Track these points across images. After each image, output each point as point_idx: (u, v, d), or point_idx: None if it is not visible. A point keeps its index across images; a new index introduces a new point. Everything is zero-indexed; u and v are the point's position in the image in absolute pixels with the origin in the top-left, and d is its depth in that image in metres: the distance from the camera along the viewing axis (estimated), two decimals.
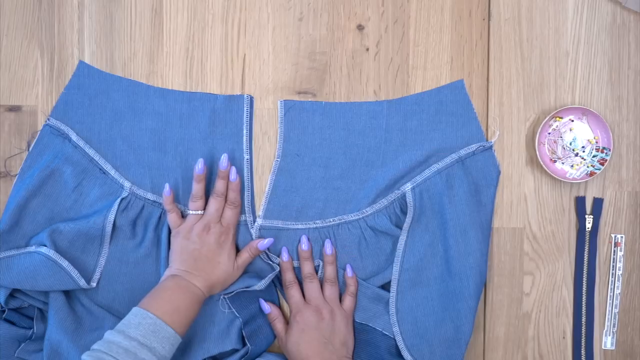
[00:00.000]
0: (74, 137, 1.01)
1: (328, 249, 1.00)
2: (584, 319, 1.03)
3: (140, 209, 1.01)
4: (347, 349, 0.98)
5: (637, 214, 1.03)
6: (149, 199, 1.01)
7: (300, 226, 1.02)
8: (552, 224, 1.03)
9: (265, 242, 0.99)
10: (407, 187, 1.00)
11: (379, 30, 1.03)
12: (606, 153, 1.01)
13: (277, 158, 1.02)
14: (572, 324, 1.03)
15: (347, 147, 1.02)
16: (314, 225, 1.02)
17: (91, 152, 1.01)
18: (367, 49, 1.03)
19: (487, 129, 1.03)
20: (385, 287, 1.01)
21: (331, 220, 1.01)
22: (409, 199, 0.99)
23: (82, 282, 0.97)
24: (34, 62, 1.03)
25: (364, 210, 1.01)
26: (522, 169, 1.03)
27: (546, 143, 1.02)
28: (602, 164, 1.01)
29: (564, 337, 1.04)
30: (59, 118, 1.02)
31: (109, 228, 0.99)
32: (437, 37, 1.02)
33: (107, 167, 1.01)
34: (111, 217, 0.98)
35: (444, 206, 0.98)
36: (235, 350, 0.99)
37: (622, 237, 1.03)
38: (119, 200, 0.99)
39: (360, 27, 1.03)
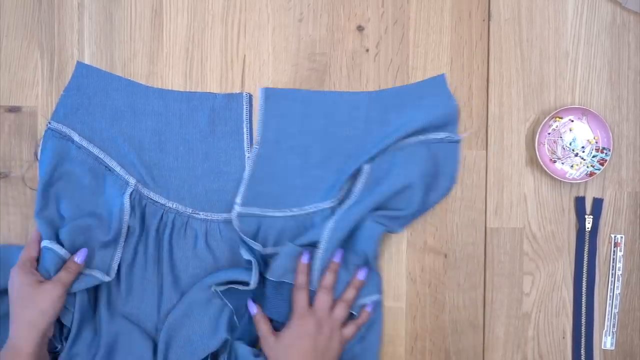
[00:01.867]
0: (76, 137, 1.01)
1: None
2: (583, 319, 1.03)
3: (144, 208, 1.01)
4: None
5: (637, 214, 1.04)
6: (151, 199, 1.01)
7: (277, 214, 1.01)
8: (552, 224, 1.03)
9: (80, 256, 0.96)
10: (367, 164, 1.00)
11: (378, 31, 1.02)
12: (606, 153, 1.01)
13: (256, 145, 1.02)
14: (572, 324, 1.04)
15: (326, 137, 1.02)
16: (291, 213, 1.01)
17: (95, 150, 1.01)
18: (367, 50, 1.03)
19: (487, 129, 1.03)
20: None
21: (308, 208, 1.02)
22: (365, 170, 0.99)
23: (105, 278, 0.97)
24: (33, 63, 1.03)
25: (338, 198, 1.01)
26: (522, 169, 1.03)
27: (546, 143, 1.02)
28: (602, 164, 1.01)
29: (563, 337, 1.04)
30: (59, 120, 1.02)
31: (124, 228, 0.98)
32: (437, 38, 1.02)
33: (113, 164, 1.01)
34: (126, 217, 0.98)
35: (395, 166, 0.98)
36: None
37: (621, 237, 1.03)
38: (128, 197, 0.99)
39: (360, 28, 1.02)
